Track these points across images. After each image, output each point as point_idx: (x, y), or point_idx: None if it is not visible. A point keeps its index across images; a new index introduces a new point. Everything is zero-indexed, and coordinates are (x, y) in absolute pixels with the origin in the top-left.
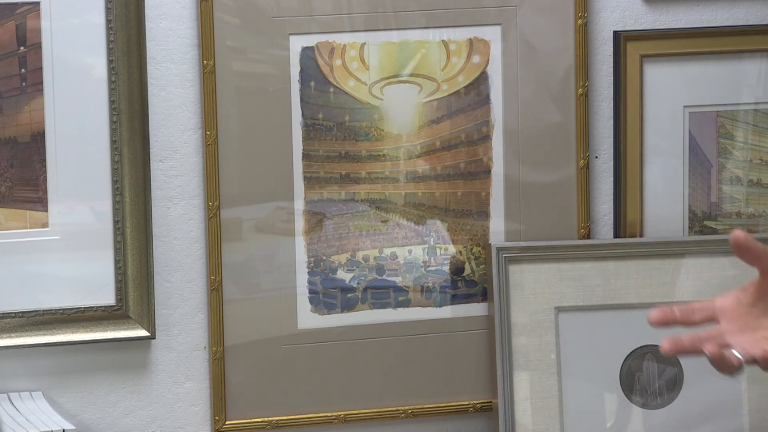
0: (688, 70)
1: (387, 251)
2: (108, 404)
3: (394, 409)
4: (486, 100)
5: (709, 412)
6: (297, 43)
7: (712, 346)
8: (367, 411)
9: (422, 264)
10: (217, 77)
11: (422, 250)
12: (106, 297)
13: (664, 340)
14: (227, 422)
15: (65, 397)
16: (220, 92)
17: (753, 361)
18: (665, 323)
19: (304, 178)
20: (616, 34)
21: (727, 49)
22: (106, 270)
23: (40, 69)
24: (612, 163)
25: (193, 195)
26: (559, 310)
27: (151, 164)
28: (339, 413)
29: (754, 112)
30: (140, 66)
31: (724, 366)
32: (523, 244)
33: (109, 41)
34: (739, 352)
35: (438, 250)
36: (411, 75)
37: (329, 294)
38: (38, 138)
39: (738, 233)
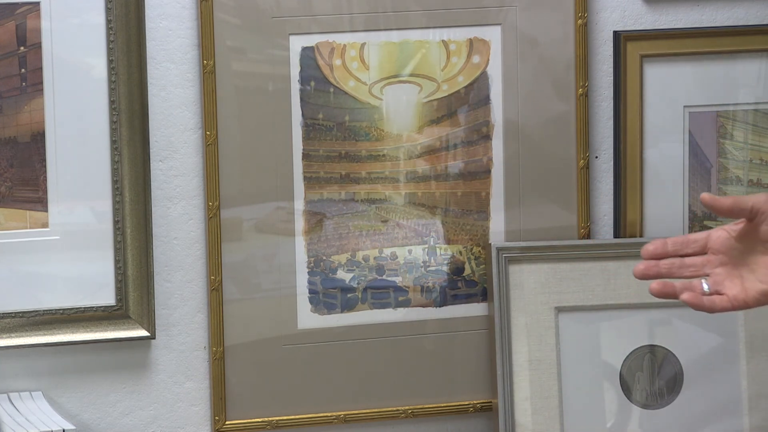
0: (688, 70)
1: (387, 251)
2: (108, 404)
3: (394, 409)
4: (486, 100)
5: (709, 412)
6: (297, 43)
7: (686, 293)
8: (367, 411)
9: (422, 264)
10: (217, 77)
11: (422, 250)
12: (106, 297)
13: (641, 264)
14: (227, 422)
15: (65, 397)
16: (220, 92)
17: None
18: (658, 257)
19: (304, 178)
20: (616, 34)
21: (727, 49)
22: (106, 270)
23: (40, 69)
24: (612, 163)
25: (193, 195)
26: (559, 310)
27: (151, 164)
28: (339, 413)
29: (754, 112)
30: (140, 66)
31: (694, 305)
32: (523, 244)
33: (109, 41)
34: (708, 285)
35: (438, 250)
36: (411, 75)
37: (329, 294)
38: (38, 138)
39: (704, 196)
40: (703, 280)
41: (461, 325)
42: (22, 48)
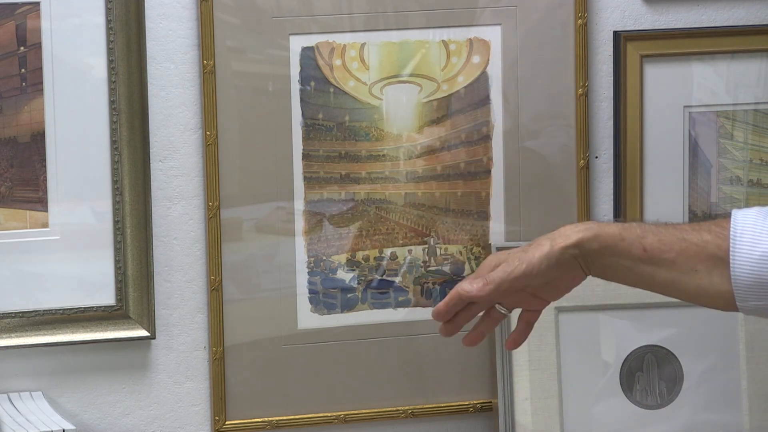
0: (688, 70)
1: (387, 251)
2: (108, 404)
3: (394, 409)
4: (486, 100)
5: (709, 412)
6: (297, 43)
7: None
8: (367, 411)
9: (422, 264)
10: (217, 77)
11: (422, 250)
12: (106, 297)
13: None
14: (227, 422)
15: (65, 397)
16: (220, 92)
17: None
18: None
19: (304, 178)
20: (616, 34)
21: (727, 49)
22: (106, 270)
23: (40, 69)
24: (612, 163)
25: (193, 195)
26: (559, 310)
27: (151, 164)
28: (339, 413)
29: (754, 112)
30: (140, 66)
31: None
32: (523, 244)
33: (109, 41)
34: (504, 308)
35: (438, 250)
36: (411, 75)
37: (329, 294)
38: (38, 138)
39: (436, 309)
40: (496, 306)
41: None
42: (22, 48)
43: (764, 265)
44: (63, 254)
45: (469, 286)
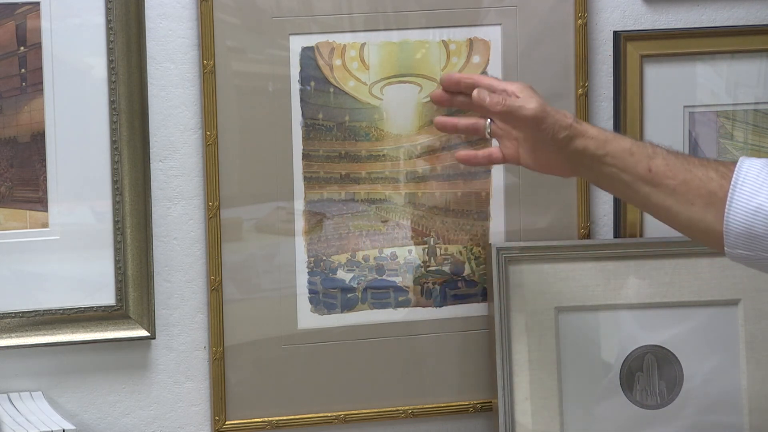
0: (688, 70)
1: (387, 251)
2: (108, 404)
3: (394, 409)
4: None
5: (709, 412)
6: (297, 43)
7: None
8: (367, 411)
9: (422, 264)
10: (217, 77)
11: (422, 250)
12: (106, 297)
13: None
14: (227, 422)
15: (65, 397)
16: (220, 92)
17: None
18: (453, 88)
19: (304, 178)
20: (616, 34)
21: (727, 49)
22: (106, 270)
23: (40, 69)
24: None
25: (193, 195)
26: (559, 310)
27: (151, 164)
28: (339, 413)
29: (754, 112)
30: (140, 66)
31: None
32: (523, 244)
33: (109, 41)
34: (490, 128)
35: (438, 250)
36: (411, 75)
37: (329, 294)
38: (38, 138)
39: (448, 74)
40: (488, 121)
41: (461, 325)
42: (22, 48)
43: (758, 217)
44: (63, 254)
45: (487, 97)
